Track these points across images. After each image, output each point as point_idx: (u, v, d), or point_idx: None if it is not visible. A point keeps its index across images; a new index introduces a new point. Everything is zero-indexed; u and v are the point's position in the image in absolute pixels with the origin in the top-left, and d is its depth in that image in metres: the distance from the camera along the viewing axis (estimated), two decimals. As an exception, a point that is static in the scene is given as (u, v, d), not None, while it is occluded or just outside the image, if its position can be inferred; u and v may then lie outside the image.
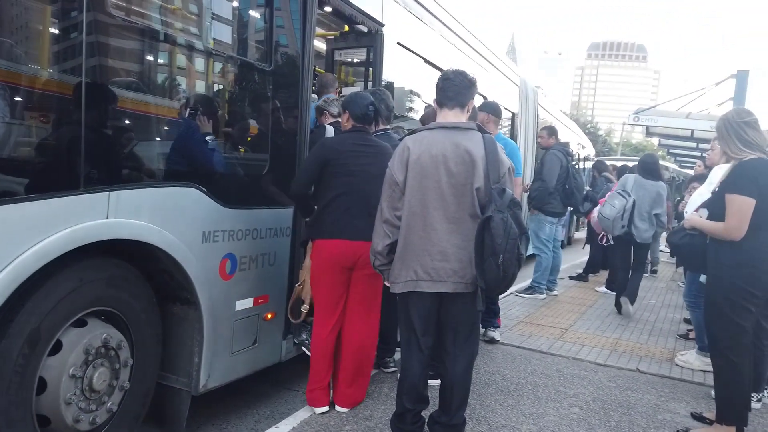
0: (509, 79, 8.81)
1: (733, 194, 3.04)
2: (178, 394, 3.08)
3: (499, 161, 2.76)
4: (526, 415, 3.42)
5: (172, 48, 2.85)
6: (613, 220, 6.07)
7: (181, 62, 2.98)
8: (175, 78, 2.97)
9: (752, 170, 3.04)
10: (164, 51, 2.84)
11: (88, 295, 2.51)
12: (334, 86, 4.56)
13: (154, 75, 2.84)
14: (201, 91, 3.12)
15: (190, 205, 2.89)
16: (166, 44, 2.81)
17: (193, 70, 3.06)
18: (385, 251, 2.86)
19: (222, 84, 3.28)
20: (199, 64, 3.09)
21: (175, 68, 2.95)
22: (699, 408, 3.69)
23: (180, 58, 2.95)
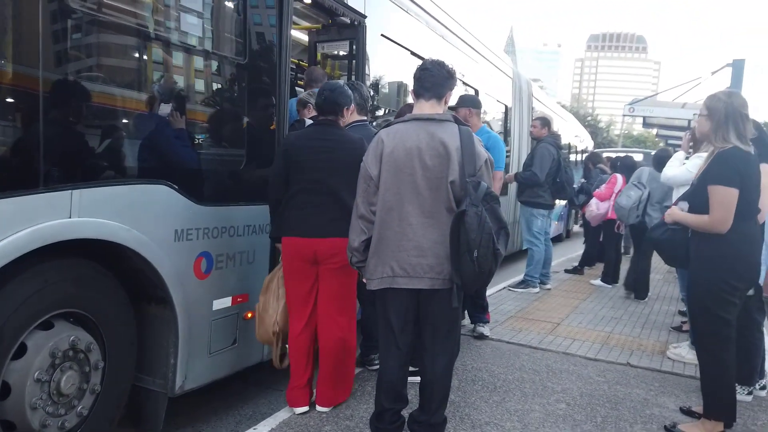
0: (502, 72, 8.73)
1: (717, 185, 2.95)
2: (155, 396, 3.02)
3: (476, 154, 2.68)
4: (511, 411, 3.36)
5: (141, 39, 2.77)
6: (629, 210, 6.35)
7: (151, 54, 2.90)
8: (143, 71, 2.89)
9: (734, 160, 2.94)
10: (132, 42, 2.76)
11: (54, 296, 2.45)
12: (323, 80, 4.48)
13: (121, 67, 2.76)
14: (172, 84, 3.04)
15: (161, 202, 2.82)
16: (133, 35, 2.72)
17: (163, 62, 2.98)
18: (361, 247, 2.79)
19: (195, 77, 3.20)
20: (171, 57, 3.00)
21: (144, 60, 2.86)
22: (689, 402, 3.62)
23: (149, 50, 2.87)
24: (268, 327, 3.18)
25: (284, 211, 3.15)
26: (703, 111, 3.11)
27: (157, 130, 2.88)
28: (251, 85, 3.39)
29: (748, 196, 2.92)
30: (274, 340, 3.19)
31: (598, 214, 7.62)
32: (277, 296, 3.21)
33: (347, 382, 3.36)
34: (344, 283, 3.09)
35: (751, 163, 2.96)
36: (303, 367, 3.20)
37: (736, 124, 2.99)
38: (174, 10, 2.97)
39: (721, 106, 3.04)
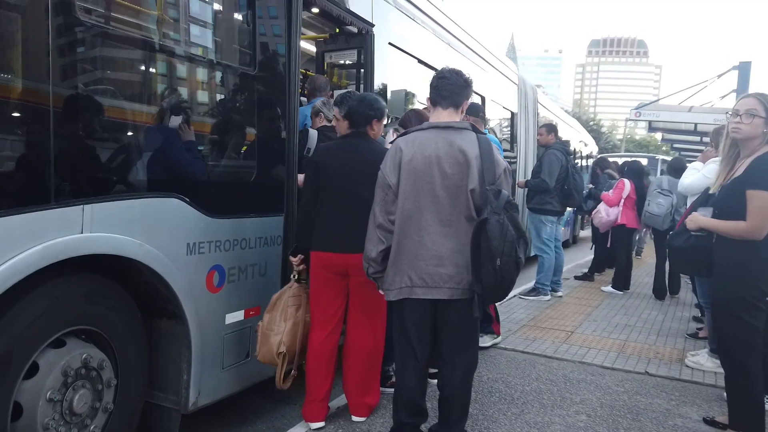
0: (507, 78, 8.69)
1: (759, 190, 2.85)
2: (168, 413, 2.96)
3: (495, 162, 2.64)
4: (531, 424, 3.28)
5: (150, 52, 2.74)
6: (663, 217, 6.63)
7: (161, 67, 2.87)
8: (154, 84, 2.86)
9: None
10: (141, 55, 2.72)
11: (65, 313, 2.40)
12: (326, 89, 4.44)
13: (131, 80, 2.73)
14: (182, 97, 3.00)
15: (173, 216, 2.78)
16: (143, 49, 2.69)
17: (174, 75, 2.95)
18: (379, 258, 2.74)
19: (204, 89, 3.16)
20: (181, 69, 2.97)
21: (154, 73, 2.84)
22: (711, 411, 3.54)
23: (159, 63, 2.84)
24: (272, 347, 3.09)
25: (314, 225, 3.11)
26: (759, 112, 2.97)
27: (168, 143, 2.84)
28: (261, 96, 3.35)
29: None
30: (278, 362, 3.11)
31: (608, 220, 7.55)
32: (284, 316, 3.13)
33: (376, 389, 3.31)
34: (376, 295, 3.02)
35: None
36: (322, 378, 3.13)
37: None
38: (184, 23, 2.93)
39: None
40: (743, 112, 3.01)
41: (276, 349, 3.08)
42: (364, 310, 3.14)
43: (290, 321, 3.12)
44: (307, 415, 3.16)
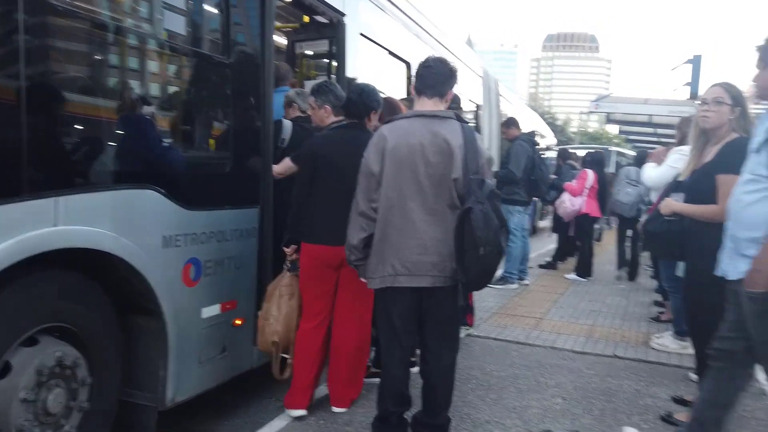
0: (473, 71, 8.75)
1: (729, 174, 2.92)
2: (144, 410, 2.88)
3: (478, 151, 2.66)
4: (510, 408, 3.34)
5: (124, 42, 2.65)
6: (630, 205, 7.21)
7: (134, 56, 2.78)
8: (127, 73, 2.76)
9: (742, 150, 2.96)
10: (115, 45, 2.63)
11: (37, 310, 2.31)
12: (288, 78, 4.35)
13: (104, 70, 2.63)
14: (156, 86, 2.93)
15: (149, 208, 2.69)
16: (117, 38, 2.60)
17: (146, 64, 2.86)
18: (360, 245, 2.73)
19: (178, 78, 3.08)
20: (153, 58, 2.88)
21: (128, 63, 2.74)
22: (679, 391, 3.68)
23: (133, 52, 2.75)
24: (268, 336, 3.09)
25: (307, 217, 3.07)
26: (727, 100, 3.06)
27: (143, 133, 2.77)
28: (235, 85, 3.28)
29: None
30: (273, 350, 3.09)
31: (572, 209, 7.72)
32: (278, 305, 3.12)
33: (360, 381, 3.32)
34: (364, 288, 3.00)
35: None
36: (308, 366, 3.13)
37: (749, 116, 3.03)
38: (157, 11, 2.85)
39: (743, 98, 3.04)
40: (711, 100, 3.11)
41: (270, 338, 3.05)
42: (353, 302, 3.14)
43: (284, 310, 3.10)
44: (290, 403, 3.15)
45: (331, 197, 3.07)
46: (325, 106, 3.36)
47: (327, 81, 3.70)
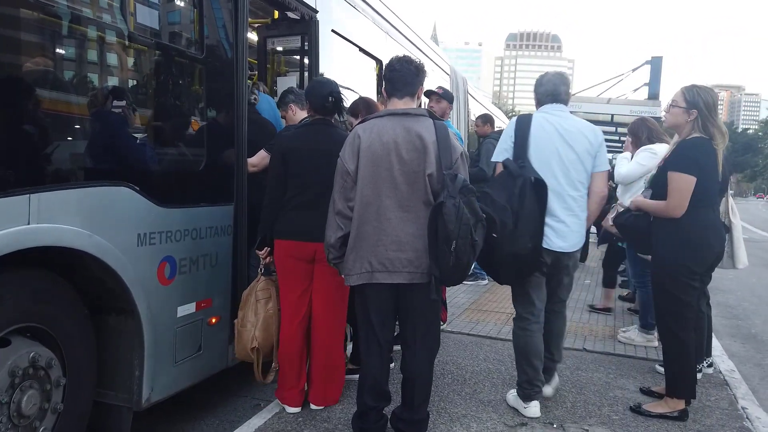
0: (440, 68, 8.82)
1: (675, 172, 3.09)
2: (119, 411, 2.84)
3: (451, 147, 2.69)
4: (485, 403, 3.40)
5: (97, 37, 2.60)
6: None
7: (107, 52, 2.72)
8: (101, 69, 2.71)
9: (694, 149, 3.10)
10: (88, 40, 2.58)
11: (9, 311, 2.25)
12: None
13: (76, 65, 2.57)
14: (130, 82, 2.87)
15: (123, 205, 2.65)
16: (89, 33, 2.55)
17: (120, 60, 2.80)
18: (338, 243, 2.74)
19: (152, 75, 3.03)
20: (127, 54, 2.83)
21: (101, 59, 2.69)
22: (646, 382, 3.80)
23: (106, 48, 2.69)
24: (246, 343, 3.07)
25: (280, 213, 3.06)
26: (680, 103, 3.18)
27: (116, 130, 2.72)
28: (209, 82, 3.25)
29: (705, 184, 3.06)
30: (253, 357, 3.08)
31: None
32: (255, 310, 3.10)
33: (338, 378, 3.31)
34: (338, 280, 3.01)
35: (710, 153, 3.10)
36: (297, 367, 3.15)
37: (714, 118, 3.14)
38: (130, 6, 2.79)
39: (710, 101, 3.14)
40: (669, 103, 3.27)
41: (249, 345, 3.03)
42: (328, 296, 3.14)
43: (261, 315, 3.09)
44: (286, 399, 3.19)
45: (300, 194, 3.08)
46: (289, 105, 3.40)
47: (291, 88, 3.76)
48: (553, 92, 3.27)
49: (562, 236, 3.12)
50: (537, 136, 3.15)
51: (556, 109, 3.24)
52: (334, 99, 3.15)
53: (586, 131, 3.20)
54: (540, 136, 3.14)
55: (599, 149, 3.20)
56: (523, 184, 2.98)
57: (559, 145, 3.13)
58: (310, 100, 3.20)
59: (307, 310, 3.15)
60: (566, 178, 3.13)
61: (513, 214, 2.92)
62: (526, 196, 2.97)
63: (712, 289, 4.08)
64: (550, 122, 3.18)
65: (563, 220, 3.12)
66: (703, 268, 3.21)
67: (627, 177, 4.44)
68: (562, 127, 3.16)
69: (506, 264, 3.01)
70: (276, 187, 3.11)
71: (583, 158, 3.15)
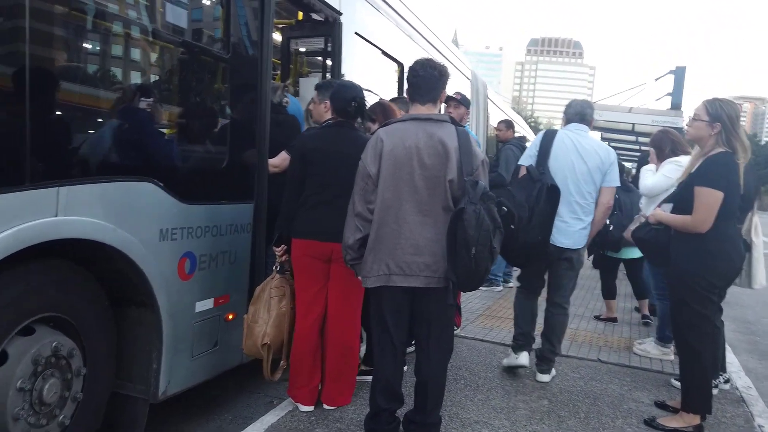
0: (462, 73, 8.82)
1: (704, 187, 3.05)
2: (135, 403, 2.88)
3: (473, 153, 2.70)
4: (498, 409, 3.40)
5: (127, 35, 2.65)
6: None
7: (135, 49, 2.77)
8: (129, 66, 2.76)
9: (723, 164, 3.07)
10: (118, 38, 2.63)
11: (35, 300, 2.30)
12: None
13: (108, 63, 2.63)
14: (157, 80, 2.92)
15: (147, 200, 2.70)
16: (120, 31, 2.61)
17: (148, 58, 2.86)
18: (356, 245, 2.76)
19: (179, 73, 3.08)
20: (155, 51, 2.88)
21: (129, 55, 2.74)
22: (661, 396, 3.77)
23: (135, 45, 2.74)
24: (256, 339, 3.09)
25: (298, 214, 3.09)
26: (703, 116, 3.17)
27: (143, 126, 2.76)
28: (233, 81, 3.29)
29: (728, 198, 3.03)
30: (264, 353, 3.10)
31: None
32: (268, 307, 3.13)
33: (351, 379, 3.33)
34: (354, 281, 3.03)
35: (734, 168, 3.06)
36: (310, 365, 3.17)
37: (737, 131, 3.11)
38: (159, 5, 2.84)
39: (733, 114, 3.13)
40: (692, 116, 3.26)
41: (260, 341, 3.06)
42: (343, 299, 3.16)
43: (274, 312, 3.11)
44: (299, 397, 3.22)
45: (319, 194, 3.11)
46: (325, 101, 3.39)
47: (333, 79, 3.73)
48: (581, 113, 3.90)
49: (565, 234, 3.73)
50: (557, 148, 3.75)
51: (579, 129, 3.83)
52: (357, 104, 3.18)
53: (599, 150, 3.78)
54: (560, 149, 3.74)
55: (610, 167, 3.75)
56: (540, 188, 3.55)
57: (574, 158, 3.72)
58: (333, 103, 3.22)
59: (321, 309, 3.17)
60: (576, 187, 3.72)
61: (529, 211, 3.49)
62: (541, 198, 3.53)
63: (730, 304, 4.05)
64: (570, 138, 3.77)
65: (567, 221, 3.72)
66: (722, 282, 3.18)
67: (653, 189, 4.37)
68: (580, 144, 3.74)
69: (519, 250, 3.50)
70: (295, 186, 3.14)
71: (594, 172, 3.73)
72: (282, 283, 3.22)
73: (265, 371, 3.16)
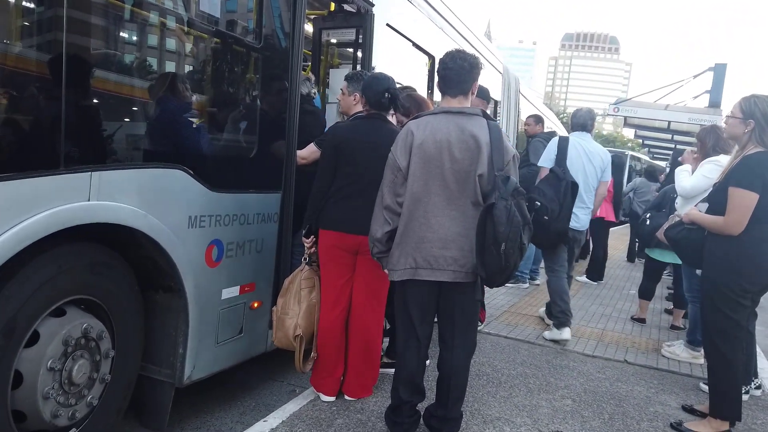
0: (493, 67, 8.72)
1: (738, 188, 2.98)
2: (161, 386, 2.93)
3: (504, 148, 2.67)
4: (520, 407, 3.37)
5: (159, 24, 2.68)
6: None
7: (168, 37, 2.80)
8: (162, 56, 2.79)
9: (759, 165, 2.98)
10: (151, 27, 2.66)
11: (67, 282, 2.35)
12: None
13: (141, 51, 2.66)
14: (189, 69, 2.95)
15: (177, 187, 2.73)
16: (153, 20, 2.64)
17: (181, 47, 2.88)
18: (384, 238, 2.76)
19: (210, 62, 3.10)
20: (188, 42, 2.91)
21: (163, 44, 2.77)
22: (689, 400, 3.69)
23: (167, 34, 2.77)
24: (288, 331, 3.12)
25: (328, 204, 3.12)
26: (737, 114, 3.11)
27: (174, 114, 2.79)
28: (264, 71, 3.30)
29: (764, 200, 2.94)
30: (296, 345, 3.13)
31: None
32: (298, 299, 3.15)
33: (375, 371, 3.34)
34: (380, 274, 3.03)
35: None
36: (335, 356, 3.19)
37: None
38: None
39: (758, 111, 3.05)
40: (728, 113, 3.19)
41: (292, 333, 3.09)
42: (368, 292, 3.17)
43: (304, 303, 3.13)
44: (322, 387, 3.24)
45: (350, 186, 3.12)
46: (354, 93, 3.39)
47: (363, 71, 3.71)
48: (583, 124, 4.94)
49: (576, 220, 4.65)
50: (572, 152, 4.68)
51: (583, 136, 4.86)
52: (390, 95, 3.16)
53: (601, 153, 4.88)
54: (573, 153, 4.69)
55: (607, 165, 4.87)
56: (566, 185, 4.40)
57: (584, 160, 4.74)
58: (366, 95, 3.22)
59: (347, 301, 3.19)
60: (584, 184, 4.70)
61: (559, 204, 4.32)
62: (569, 193, 4.37)
63: (763, 308, 3.93)
64: (579, 144, 4.77)
65: (575, 211, 4.54)
66: (756, 287, 3.09)
67: (692, 190, 4.20)
68: (586, 148, 4.77)
69: (551, 237, 4.38)
70: (325, 177, 3.15)
71: (597, 170, 4.80)
72: (311, 275, 3.24)
73: (297, 363, 3.18)
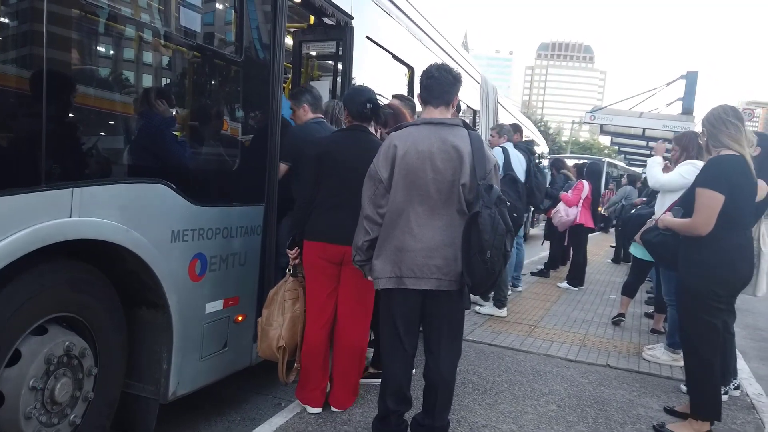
0: (471, 77, 8.82)
1: (703, 188, 3.04)
2: (145, 403, 2.91)
3: (486, 157, 2.70)
4: (505, 414, 3.39)
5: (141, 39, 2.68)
6: None
7: (149, 52, 2.80)
8: (143, 70, 2.79)
9: (724, 166, 3.04)
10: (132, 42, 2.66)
11: (49, 300, 2.33)
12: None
13: (121, 66, 2.66)
14: (169, 83, 2.95)
15: (159, 202, 2.72)
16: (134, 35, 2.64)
17: (161, 61, 2.89)
18: (364, 246, 2.78)
19: (192, 76, 3.10)
20: (168, 56, 2.91)
21: (143, 59, 2.77)
22: (670, 402, 3.75)
23: (148, 48, 2.77)
24: (272, 342, 3.11)
25: (311, 216, 3.11)
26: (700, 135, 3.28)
27: (156, 128, 2.78)
28: (246, 84, 3.32)
29: (738, 203, 3.00)
30: (279, 356, 3.12)
31: (567, 219, 7.78)
32: (282, 310, 3.15)
33: (357, 383, 3.34)
34: (365, 285, 3.04)
35: (745, 172, 3.04)
36: (320, 368, 3.18)
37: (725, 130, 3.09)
38: (174, 10, 2.87)
39: (706, 120, 3.19)
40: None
41: (275, 344, 3.08)
42: (353, 302, 3.17)
43: (288, 315, 3.13)
44: (307, 399, 3.23)
45: (333, 197, 3.13)
46: (303, 105, 3.62)
47: (303, 86, 3.96)
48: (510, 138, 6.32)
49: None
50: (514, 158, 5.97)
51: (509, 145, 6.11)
52: (372, 106, 3.20)
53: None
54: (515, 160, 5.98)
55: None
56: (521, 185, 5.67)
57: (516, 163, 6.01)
58: (348, 107, 3.25)
59: (332, 311, 3.19)
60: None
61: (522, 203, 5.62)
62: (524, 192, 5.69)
63: (741, 310, 4.02)
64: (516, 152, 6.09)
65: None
66: (725, 291, 3.14)
67: (666, 185, 4.33)
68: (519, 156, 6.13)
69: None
70: (309, 189, 3.16)
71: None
72: (295, 286, 3.24)
73: (280, 374, 3.18)
